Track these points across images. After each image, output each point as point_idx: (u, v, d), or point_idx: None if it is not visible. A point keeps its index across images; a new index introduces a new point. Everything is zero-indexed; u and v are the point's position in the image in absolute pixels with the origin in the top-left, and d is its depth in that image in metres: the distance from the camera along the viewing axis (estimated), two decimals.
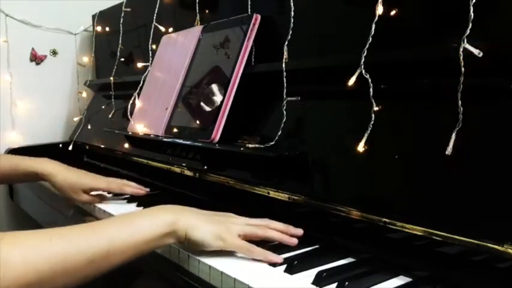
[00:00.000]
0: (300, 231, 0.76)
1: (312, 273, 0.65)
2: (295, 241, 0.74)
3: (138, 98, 1.34)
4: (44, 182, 1.15)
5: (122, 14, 1.55)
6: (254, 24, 1.00)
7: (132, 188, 1.09)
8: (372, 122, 0.72)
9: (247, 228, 0.73)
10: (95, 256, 0.61)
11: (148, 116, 1.25)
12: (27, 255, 0.56)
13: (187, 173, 1.10)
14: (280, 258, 0.70)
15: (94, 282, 0.64)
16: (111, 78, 1.55)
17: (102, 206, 1.07)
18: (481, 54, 0.61)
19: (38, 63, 1.82)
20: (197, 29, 1.19)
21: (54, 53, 1.84)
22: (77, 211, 1.16)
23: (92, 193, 1.10)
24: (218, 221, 0.73)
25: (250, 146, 0.89)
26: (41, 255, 0.57)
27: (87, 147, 1.63)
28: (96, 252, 0.61)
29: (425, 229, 0.63)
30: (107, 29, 1.72)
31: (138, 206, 1.06)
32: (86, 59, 1.90)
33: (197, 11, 1.21)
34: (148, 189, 1.11)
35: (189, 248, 0.74)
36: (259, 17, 1.00)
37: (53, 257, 0.58)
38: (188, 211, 0.74)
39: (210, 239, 0.70)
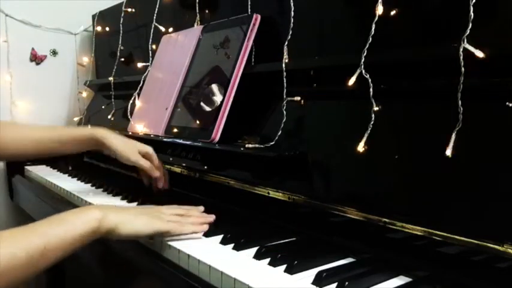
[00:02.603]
0: (212, 217, 0.85)
1: (312, 273, 0.65)
2: (210, 219, 0.84)
3: (138, 98, 1.34)
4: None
5: (122, 14, 1.55)
6: (254, 24, 1.00)
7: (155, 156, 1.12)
8: (372, 122, 0.72)
9: (174, 217, 0.82)
10: (34, 253, 0.64)
11: (148, 116, 1.25)
12: None
13: (187, 173, 1.10)
14: (204, 228, 0.81)
15: (94, 280, 0.65)
16: (111, 78, 1.55)
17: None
18: (481, 54, 0.61)
19: (38, 63, 1.82)
20: (197, 29, 1.19)
21: (54, 53, 1.84)
22: None
23: None
24: (148, 212, 0.81)
25: (250, 146, 0.89)
26: None
27: None
28: (33, 251, 0.64)
29: (425, 229, 0.63)
30: (107, 29, 1.72)
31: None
32: (86, 59, 1.90)
33: (197, 11, 1.21)
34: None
35: (119, 238, 0.78)
36: (259, 17, 1.00)
37: (1, 258, 0.60)
38: (115, 208, 0.80)
39: (143, 228, 0.77)
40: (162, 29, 1.36)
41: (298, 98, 0.88)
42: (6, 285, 0.61)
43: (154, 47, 1.37)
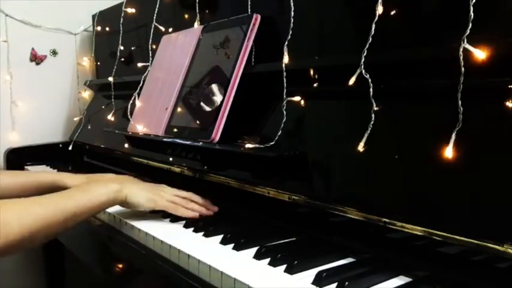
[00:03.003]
0: (215, 208, 0.98)
1: (312, 273, 0.65)
2: (211, 213, 0.96)
3: (138, 98, 1.34)
4: None
5: (122, 14, 1.55)
6: (254, 24, 1.00)
7: None
8: (372, 122, 0.72)
9: (176, 198, 0.96)
10: (66, 215, 0.82)
11: (148, 116, 1.25)
12: (22, 218, 0.76)
13: (187, 173, 1.10)
14: (196, 214, 0.93)
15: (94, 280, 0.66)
16: (111, 78, 1.55)
17: None
18: (481, 54, 0.61)
19: (38, 63, 1.81)
20: (197, 29, 1.19)
21: (54, 53, 1.84)
22: None
23: None
24: (152, 189, 0.97)
25: (250, 146, 0.89)
26: (32, 217, 0.77)
27: (87, 147, 1.63)
28: (67, 213, 0.82)
29: (425, 229, 0.63)
30: (107, 29, 1.72)
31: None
32: (86, 59, 1.90)
33: (197, 11, 1.21)
34: None
35: (128, 207, 0.95)
36: (259, 17, 1.00)
37: (40, 218, 0.78)
38: (130, 181, 1.00)
39: (143, 201, 0.94)
40: (162, 29, 1.35)
41: (298, 98, 0.88)
42: (46, 237, 0.80)
43: (154, 47, 1.37)
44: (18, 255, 1.77)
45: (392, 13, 0.75)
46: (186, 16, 1.28)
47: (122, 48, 1.59)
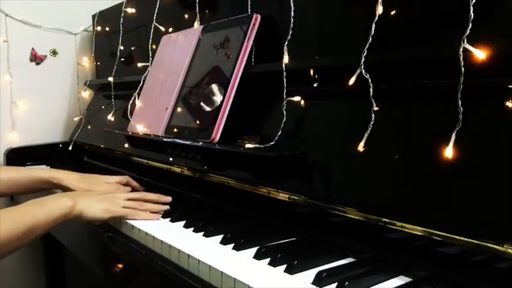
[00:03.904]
0: (169, 199, 1.02)
1: (312, 273, 0.65)
2: (166, 208, 0.99)
3: (138, 98, 1.34)
4: None
5: (122, 14, 1.55)
6: (254, 24, 1.00)
7: (134, 182, 1.21)
8: (372, 122, 0.72)
9: (130, 203, 0.97)
10: (25, 230, 0.82)
11: (148, 116, 1.25)
12: None
13: (187, 173, 1.10)
14: (158, 216, 0.96)
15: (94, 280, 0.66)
16: (111, 78, 1.55)
17: None
18: (481, 55, 0.61)
19: (38, 63, 1.81)
20: (197, 29, 1.19)
21: (54, 53, 1.84)
22: None
23: None
24: (106, 198, 0.97)
25: (250, 146, 0.89)
26: None
27: (87, 147, 1.63)
28: (25, 228, 0.82)
29: (425, 229, 0.63)
30: (107, 29, 1.72)
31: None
32: (86, 59, 1.90)
33: (197, 11, 1.21)
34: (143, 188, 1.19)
35: (85, 222, 0.95)
36: (259, 17, 1.00)
37: (4, 230, 0.78)
38: (82, 195, 0.97)
39: (101, 214, 0.93)
40: (162, 29, 1.35)
41: (298, 98, 0.88)
42: (8, 252, 0.81)
43: (154, 47, 1.37)
44: (18, 256, 1.76)
45: (392, 13, 0.75)
46: (186, 16, 1.28)
47: (122, 48, 1.59)
